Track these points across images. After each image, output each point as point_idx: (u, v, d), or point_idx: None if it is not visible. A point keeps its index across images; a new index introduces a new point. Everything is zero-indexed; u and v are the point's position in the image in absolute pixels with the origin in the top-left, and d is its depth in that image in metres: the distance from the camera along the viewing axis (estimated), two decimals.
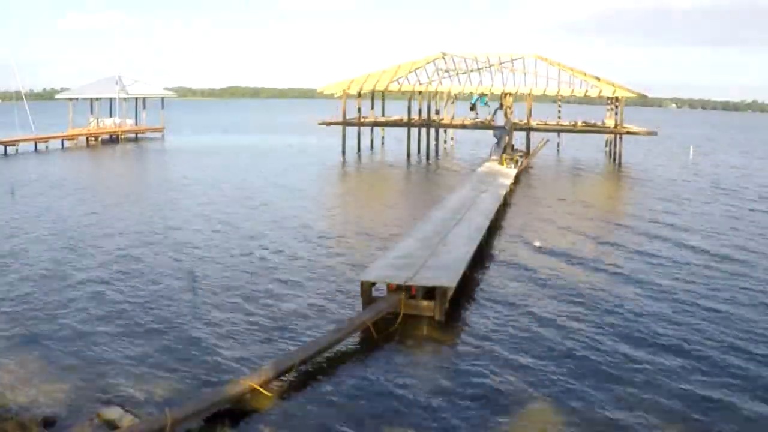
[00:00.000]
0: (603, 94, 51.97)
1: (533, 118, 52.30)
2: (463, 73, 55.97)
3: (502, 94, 52.66)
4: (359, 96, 55.57)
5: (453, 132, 62.36)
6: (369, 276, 15.00)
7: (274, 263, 18.93)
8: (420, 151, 53.54)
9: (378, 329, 13.34)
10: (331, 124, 56.21)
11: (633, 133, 50.73)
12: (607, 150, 57.87)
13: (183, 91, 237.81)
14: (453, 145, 62.12)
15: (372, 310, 13.72)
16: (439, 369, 12.12)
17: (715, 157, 59.46)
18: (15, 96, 62.57)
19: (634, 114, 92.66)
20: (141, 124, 72.70)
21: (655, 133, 51.33)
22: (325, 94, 58.93)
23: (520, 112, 53.88)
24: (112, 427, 9.55)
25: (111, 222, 24.70)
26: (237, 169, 42.64)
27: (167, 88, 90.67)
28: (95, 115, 67.95)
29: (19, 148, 51.99)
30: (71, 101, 67.91)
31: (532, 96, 51.67)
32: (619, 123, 50.45)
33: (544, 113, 63.29)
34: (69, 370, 11.62)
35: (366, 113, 59.64)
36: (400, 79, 55.17)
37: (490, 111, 55.33)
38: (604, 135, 57.45)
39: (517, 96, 53.32)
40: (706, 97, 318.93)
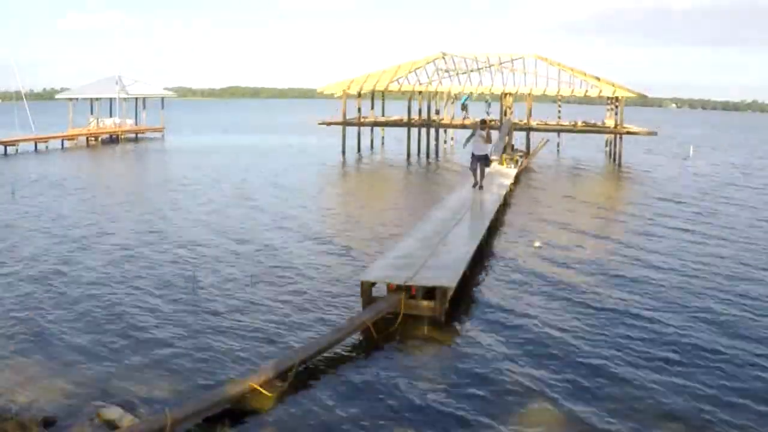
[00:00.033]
0: (603, 94, 51.99)
1: (533, 118, 52.32)
2: (463, 73, 55.99)
3: (502, 94, 52.70)
4: (359, 96, 55.58)
5: (453, 132, 62.39)
6: (369, 276, 14.99)
7: (273, 263, 18.93)
8: (420, 151, 53.57)
9: (378, 329, 13.33)
10: (331, 124, 56.23)
11: (633, 133, 50.74)
12: (607, 150, 57.88)
13: (183, 91, 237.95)
14: (453, 145, 62.14)
15: (372, 310, 13.70)
16: (439, 369, 12.11)
17: (715, 156, 59.48)
18: (15, 96, 62.59)
19: (634, 114, 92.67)
20: (141, 124, 72.69)
21: (655, 133, 51.35)
22: (325, 94, 58.96)
23: (520, 112, 53.93)
24: (112, 427, 9.54)
25: (111, 222, 24.71)
26: (237, 169, 42.63)
27: (167, 88, 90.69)
28: (95, 115, 67.94)
29: (19, 148, 51.96)
30: (71, 101, 67.90)
31: (532, 96, 51.68)
32: (619, 123, 50.47)
33: (544, 113, 63.28)
34: (69, 370, 11.61)
35: (366, 113, 59.65)
36: (400, 79, 55.19)
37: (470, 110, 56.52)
38: (604, 135, 57.48)
39: (517, 96, 53.36)
40: (706, 97, 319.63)
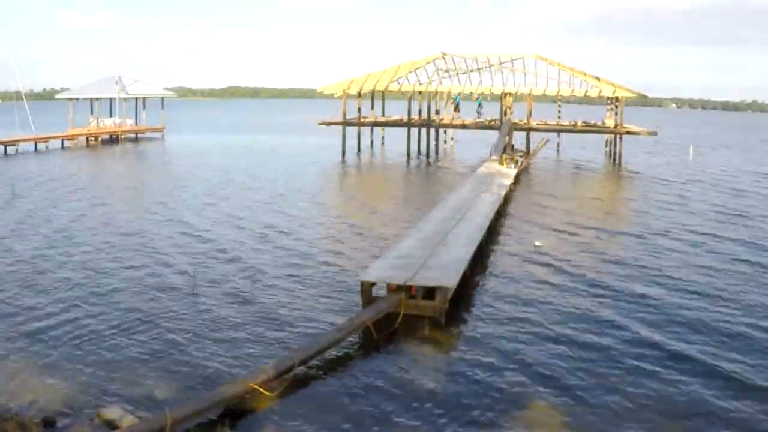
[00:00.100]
0: (603, 94, 51.99)
1: (533, 118, 52.33)
2: (463, 73, 55.99)
3: (502, 94, 52.72)
4: (359, 96, 55.58)
5: (453, 132, 62.39)
6: (369, 276, 15.01)
7: (273, 263, 18.93)
8: (420, 151, 53.58)
9: (378, 329, 13.34)
10: (331, 124, 56.22)
11: (633, 133, 50.72)
12: (607, 150, 57.87)
13: (183, 91, 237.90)
14: (453, 145, 62.15)
15: (372, 310, 13.72)
16: (439, 369, 12.12)
17: (715, 156, 59.46)
18: (15, 96, 62.60)
19: (634, 114, 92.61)
20: (141, 124, 72.68)
21: (655, 133, 51.33)
22: (325, 94, 58.96)
23: (520, 112, 53.94)
24: (112, 427, 9.55)
25: (110, 222, 24.71)
26: (237, 169, 42.63)
27: (167, 88, 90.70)
28: (95, 115, 67.95)
29: (19, 148, 51.99)
30: (71, 101, 67.89)
31: (532, 96, 51.69)
32: (619, 123, 50.47)
33: (544, 113, 63.27)
34: (69, 370, 11.62)
35: (366, 113, 59.66)
36: (400, 79, 55.19)
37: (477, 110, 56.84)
38: (604, 135, 57.48)
39: (517, 96, 53.37)
40: (706, 97, 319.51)
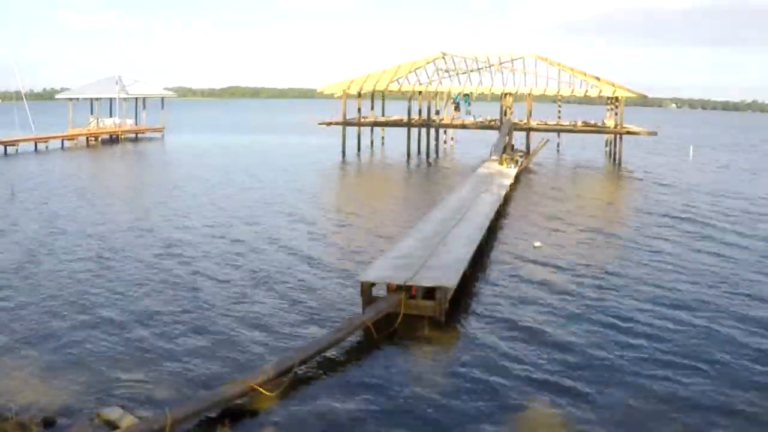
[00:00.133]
0: (603, 94, 52.01)
1: (533, 118, 52.33)
2: (463, 73, 56.01)
3: (502, 94, 52.72)
4: (359, 96, 55.59)
5: (453, 132, 62.39)
6: (369, 276, 15.01)
7: (273, 263, 18.92)
8: (420, 151, 53.59)
9: (378, 329, 13.34)
10: (331, 124, 56.25)
11: (633, 133, 50.73)
12: (607, 150, 57.89)
13: (183, 91, 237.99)
14: (453, 145, 62.15)
15: (372, 310, 13.72)
16: (439, 369, 12.12)
17: (715, 156, 59.45)
18: (15, 96, 62.62)
19: (634, 114, 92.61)
20: (141, 124, 72.72)
21: (655, 133, 51.35)
22: (325, 94, 59.00)
23: (520, 112, 53.94)
24: (112, 427, 9.55)
25: (110, 222, 24.70)
26: (236, 169, 42.63)
27: (167, 88, 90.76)
28: (95, 115, 67.98)
29: (19, 148, 52.01)
30: (71, 101, 67.92)
31: (532, 96, 51.70)
32: (619, 123, 50.47)
33: (544, 113, 63.29)
34: (69, 370, 11.62)
35: (366, 113, 59.67)
36: (400, 79, 55.21)
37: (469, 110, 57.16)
38: (604, 135, 57.49)
39: (517, 96, 53.37)
40: (706, 97, 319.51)
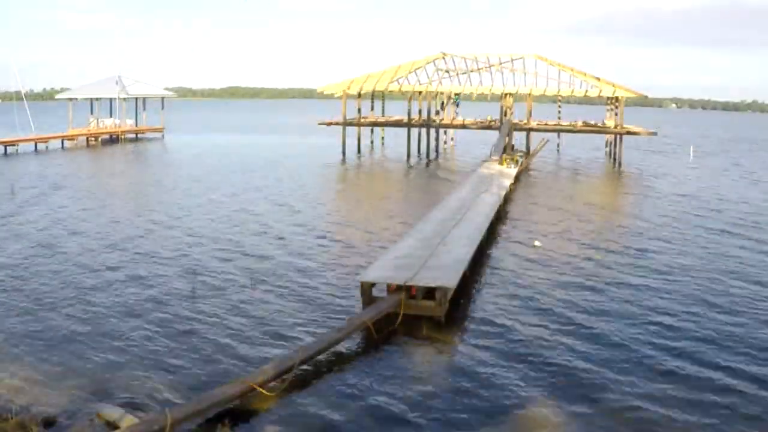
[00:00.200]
0: (603, 95, 52.00)
1: (533, 119, 52.33)
2: (463, 74, 56.02)
3: (502, 94, 52.73)
4: (359, 96, 55.60)
5: (453, 132, 62.39)
6: (369, 276, 15.02)
7: (273, 263, 18.93)
8: (420, 151, 53.59)
9: (378, 329, 13.35)
10: (331, 124, 56.27)
11: (633, 133, 50.72)
12: (607, 150, 57.89)
13: (183, 92, 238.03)
14: (453, 145, 62.16)
15: (372, 310, 13.72)
16: (439, 369, 12.13)
17: (715, 156, 59.45)
18: (15, 96, 62.67)
19: (634, 114, 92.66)
20: (141, 124, 72.73)
21: (655, 134, 51.37)
22: (325, 95, 59.00)
23: (520, 112, 53.95)
24: (112, 427, 9.55)
25: (110, 222, 24.70)
26: (236, 169, 42.62)
27: (167, 88, 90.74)
28: (95, 115, 67.99)
29: (19, 148, 52.01)
30: (71, 101, 67.90)
31: (532, 96, 51.71)
32: (619, 123, 50.48)
33: (544, 113, 63.31)
34: (69, 370, 11.63)
35: (366, 113, 59.68)
36: (400, 80, 55.20)
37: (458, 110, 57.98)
38: (604, 135, 57.49)
39: (517, 96, 53.37)
40: (706, 98, 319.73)
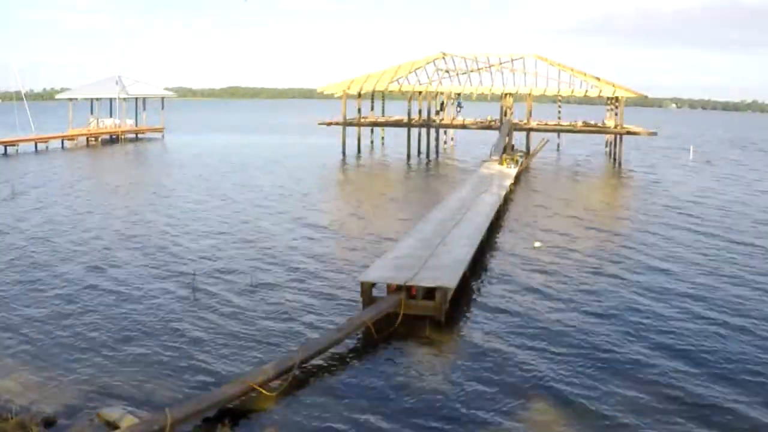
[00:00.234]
0: (603, 95, 51.99)
1: (533, 119, 52.33)
2: (463, 74, 56.02)
3: (502, 94, 52.73)
4: (359, 96, 55.60)
5: (453, 132, 62.39)
6: (369, 276, 15.02)
7: (273, 264, 18.93)
8: (420, 151, 53.59)
9: (378, 329, 13.35)
10: (331, 124, 56.28)
11: (633, 133, 50.71)
12: (607, 150, 57.90)
13: (183, 91, 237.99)
14: (453, 145, 62.17)
15: (372, 310, 13.72)
16: (439, 369, 12.12)
17: (715, 156, 59.42)
18: (15, 96, 62.65)
19: (634, 114, 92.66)
20: (141, 124, 72.73)
21: (655, 133, 51.36)
22: (325, 95, 59.01)
23: (520, 112, 53.95)
24: (112, 427, 9.54)
25: (110, 223, 24.70)
26: (236, 169, 42.61)
27: (167, 88, 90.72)
28: (95, 115, 67.99)
29: (19, 148, 52.01)
30: (71, 101, 67.90)
31: (532, 96, 51.71)
32: (619, 123, 50.47)
33: (544, 113, 63.31)
34: (69, 370, 11.62)
35: (366, 113, 59.67)
36: (400, 80, 55.20)
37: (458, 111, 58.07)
38: (605, 135, 57.48)
39: (517, 96, 53.37)
40: (706, 98, 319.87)
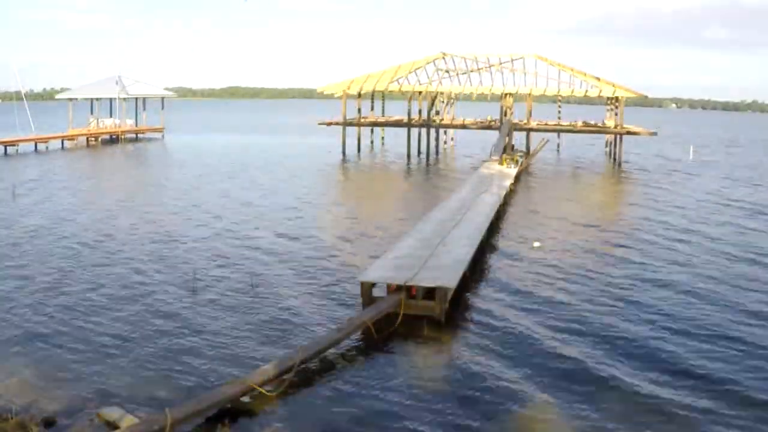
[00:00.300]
0: (603, 95, 52.02)
1: (533, 119, 52.34)
2: (463, 74, 56.04)
3: (502, 94, 52.75)
4: (359, 96, 55.62)
5: (453, 132, 62.41)
6: (369, 276, 15.02)
7: (273, 264, 18.93)
8: (420, 151, 53.60)
9: (378, 329, 13.35)
10: (332, 124, 56.31)
11: (633, 133, 50.73)
12: (607, 150, 57.91)
13: (183, 91, 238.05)
14: (453, 145, 62.18)
15: (372, 310, 13.72)
16: (439, 369, 12.12)
17: (714, 156, 59.42)
18: (15, 96, 62.67)
19: (634, 114, 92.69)
20: (141, 124, 72.75)
21: (655, 134, 51.37)
22: (325, 95, 59.04)
23: (520, 112, 53.96)
24: (112, 427, 9.54)
25: (110, 222, 24.69)
26: (236, 169, 42.62)
27: (167, 88, 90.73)
28: (95, 115, 67.99)
29: (19, 148, 52.02)
30: (71, 101, 67.90)
31: (532, 96, 51.73)
32: (619, 123, 50.48)
33: (544, 113, 63.32)
34: (69, 370, 11.62)
35: (366, 113, 59.68)
36: (400, 80, 55.23)
37: None
38: (605, 135, 57.50)
39: (517, 96, 53.38)
40: (706, 98, 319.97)
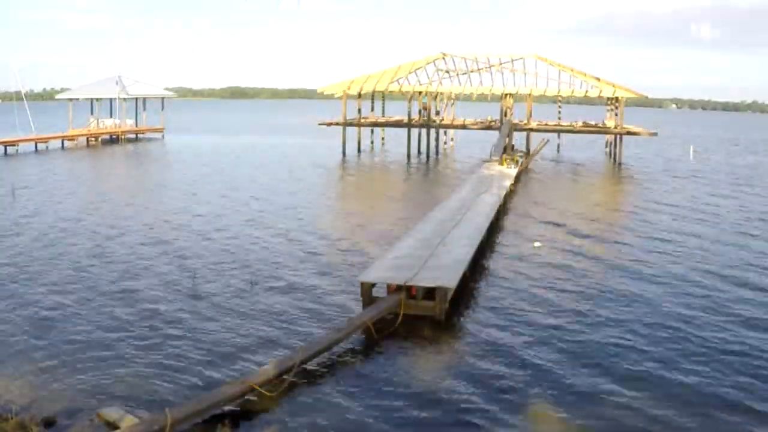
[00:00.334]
0: (603, 95, 52.03)
1: (533, 119, 52.35)
2: (463, 74, 56.05)
3: (502, 94, 52.76)
4: (359, 96, 55.63)
5: (453, 132, 62.42)
6: (369, 276, 15.02)
7: (273, 264, 18.93)
8: (420, 151, 53.60)
9: (378, 329, 13.35)
10: (332, 124, 56.31)
11: (633, 133, 50.74)
12: (607, 150, 57.92)
13: (183, 92, 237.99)
14: (453, 145, 62.18)
15: (372, 310, 13.73)
16: (439, 369, 12.12)
17: (714, 156, 59.42)
18: (15, 96, 62.68)
19: (634, 114, 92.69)
20: (141, 124, 72.74)
21: (655, 134, 51.38)
22: (325, 95, 59.04)
23: (520, 112, 53.96)
24: (112, 427, 9.54)
25: (110, 223, 24.69)
26: (236, 169, 42.64)
27: (167, 88, 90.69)
28: (95, 115, 68.00)
29: (19, 148, 52.02)
30: (71, 101, 67.89)
31: (532, 96, 51.74)
32: (619, 123, 50.49)
33: (544, 114, 63.31)
34: (69, 370, 11.62)
35: (366, 114, 59.69)
36: (400, 80, 55.24)
37: None
38: (605, 135, 57.51)
39: (517, 96, 53.39)
40: (706, 98, 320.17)
